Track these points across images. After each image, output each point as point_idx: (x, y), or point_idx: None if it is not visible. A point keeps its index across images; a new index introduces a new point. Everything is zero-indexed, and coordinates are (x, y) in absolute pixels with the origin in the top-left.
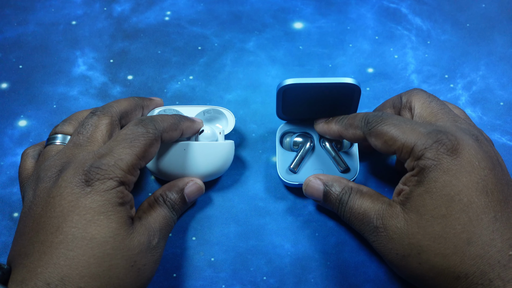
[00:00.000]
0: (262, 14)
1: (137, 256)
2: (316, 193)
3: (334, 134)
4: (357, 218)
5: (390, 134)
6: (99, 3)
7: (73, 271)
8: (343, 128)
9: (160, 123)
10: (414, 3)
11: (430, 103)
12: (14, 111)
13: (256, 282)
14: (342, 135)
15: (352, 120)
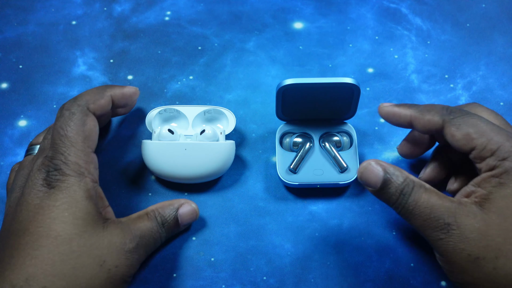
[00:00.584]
0: (262, 14)
1: (107, 256)
2: (373, 179)
3: (403, 118)
4: (422, 213)
5: (475, 128)
6: (99, 3)
7: (38, 270)
8: (419, 113)
9: (81, 97)
10: (414, 3)
11: (497, 116)
12: (14, 111)
13: (256, 282)
14: (414, 120)
15: (431, 106)
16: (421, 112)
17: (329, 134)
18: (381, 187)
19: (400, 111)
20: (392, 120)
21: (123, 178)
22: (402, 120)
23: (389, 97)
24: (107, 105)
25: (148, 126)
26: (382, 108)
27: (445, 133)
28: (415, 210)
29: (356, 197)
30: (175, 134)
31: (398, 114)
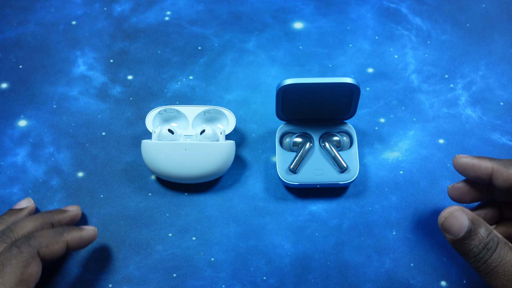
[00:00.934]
0: (262, 14)
1: None
2: (457, 227)
3: (483, 171)
4: (507, 272)
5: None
6: (99, 3)
7: None
8: (502, 166)
9: (36, 239)
10: (414, 3)
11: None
12: (14, 111)
13: (256, 282)
14: (496, 173)
15: None
16: (504, 165)
17: (329, 134)
18: (463, 237)
19: (480, 163)
20: (469, 172)
21: (123, 178)
22: (481, 173)
23: (389, 97)
24: (60, 251)
25: (148, 126)
26: (459, 159)
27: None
28: (498, 268)
29: (356, 197)
30: (175, 134)
31: (478, 166)
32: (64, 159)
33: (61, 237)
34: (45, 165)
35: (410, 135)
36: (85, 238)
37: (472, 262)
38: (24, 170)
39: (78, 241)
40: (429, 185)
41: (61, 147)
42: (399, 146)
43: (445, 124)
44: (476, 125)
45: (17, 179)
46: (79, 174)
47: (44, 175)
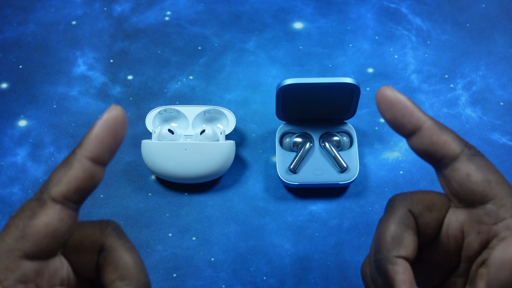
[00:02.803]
0: (262, 14)
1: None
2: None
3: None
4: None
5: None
6: (99, 3)
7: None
8: (436, 127)
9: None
10: (414, 3)
11: None
12: (14, 111)
13: (256, 282)
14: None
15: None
16: (439, 127)
17: (329, 134)
18: None
19: (414, 110)
20: (396, 112)
21: (123, 178)
22: (409, 120)
23: None
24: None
25: (148, 126)
26: (386, 90)
27: (457, 168)
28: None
29: (356, 197)
30: (175, 134)
31: (411, 111)
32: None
33: (72, 158)
34: (45, 165)
35: None
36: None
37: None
38: (24, 170)
39: (98, 143)
40: (429, 185)
41: (61, 147)
42: (399, 146)
43: (445, 124)
44: (476, 125)
45: (17, 179)
46: None
47: (44, 175)
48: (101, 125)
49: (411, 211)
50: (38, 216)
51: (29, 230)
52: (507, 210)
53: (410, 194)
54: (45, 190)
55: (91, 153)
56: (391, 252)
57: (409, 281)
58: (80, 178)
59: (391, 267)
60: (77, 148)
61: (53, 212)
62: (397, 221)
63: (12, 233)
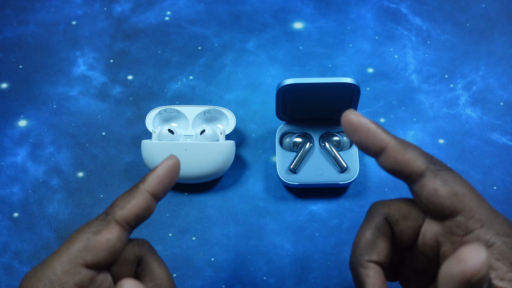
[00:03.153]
0: (262, 14)
1: None
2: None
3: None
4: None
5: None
6: (99, 3)
7: None
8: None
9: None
10: (414, 3)
11: None
12: (14, 111)
13: (256, 282)
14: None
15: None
16: (403, 146)
17: (329, 134)
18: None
19: (377, 132)
20: (360, 136)
21: (123, 178)
22: (373, 142)
23: (389, 97)
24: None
25: (148, 126)
26: (352, 115)
27: (424, 184)
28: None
29: (356, 197)
30: (175, 134)
31: (374, 133)
32: (64, 159)
33: (135, 190)
34: (45, 165)
35: (410, 135)
36: (166, 174)
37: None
38: (24, 170)
39: (159, 181)
40: None
41: (61, 147)
42: None
43: (445, 124)
44: (476, 125)
45: (17, 179)
46: (79, 174)
47: (44, 175)
48: (163, 168)
49: (387, 218)
50: (102, 232)
51: (93, 243)
52: (476, 221)
53: (388, 202)
54: (110, 213)
55: (152, 188)
56: (364, 257)
57: (379, 284)
58: (141, 207)
59: (363, 270)
60: (140, 183)
61: (114, 231)
62: (373, 228)
63: (77, 244)
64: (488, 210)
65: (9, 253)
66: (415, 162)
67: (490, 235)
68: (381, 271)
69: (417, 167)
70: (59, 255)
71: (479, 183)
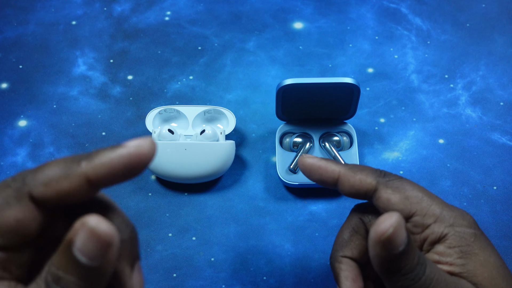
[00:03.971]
0: (262, 14)
1: None
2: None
3: (330, 174)
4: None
5: (414, 192)
6: (99, 3)
7: None
8: (349, 171)
9: (33, 174)
10: (414, 3)
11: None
12: (14, 111)
13: (256, 282)
14: (343, 178)
15: (363, 167)
16: (352, 170)
17: (329, 134)
18: (403, 251)
19: (327, 166)
20: (315, 174)
21: None
22: (327, 176)
23: (389, 97)
24: (72, 191)
25: (148, 126)
26: (305, 159)
27: (379, 196)
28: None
29: None
30: (175, 134)
31: (325, 169)
32: None
33: (74, 168)
34: None
35: (410, 135)
36: (119, 163)
37: (404, 280)
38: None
39: (107, 171)
40: (429, 185)
41: (61, 147)
42: (399, 146)
43: (445, 124)
44: (476, 125)
45: None
46: None
47: None
48: (122, 155)
49: (362, 219)
50: (12, 208)
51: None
52: (429, 217)
53: (365, 204)
54: (28, 183)
55: (94, 175)
56: (339, 252)
57: (351, 277)
58: (71, 192)
59: (338, 264)
60: (84, 160)
61: (28, 209)
62: (349, 227)
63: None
64: (440, 205)
65: None
66: (365, 180)
67: (443, 227)
68: (355, 265)
69: (369, 184)
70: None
71: (479, 183)
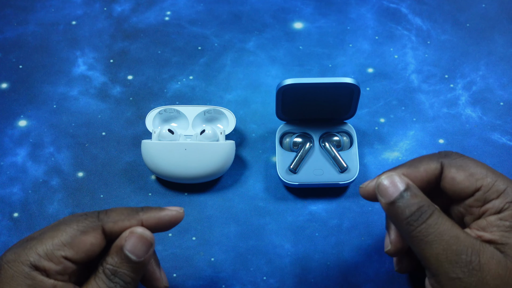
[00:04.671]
0: (262, 14)
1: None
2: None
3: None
4: (443, 240)
5: (478, 169)
6: (99, 3)
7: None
8: (411, 168)
9: (106, 214)
10: (414, 3)
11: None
12: (14, 111)
13: (256, 282)
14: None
15: (421, 157)
16: (413, 165)
17: (329, 134)
18: (396, 199)
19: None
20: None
21: (123, 178)
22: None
23: (389, 97)
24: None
25: (148, 126)
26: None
27: (444, 176)
28: (434, 235)
29: (356, 197)
30: (175, 134)
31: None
32: (64, 159)
33: (134, 215)
34: (45, 165)
35: (410, 135)
36: (164, 219)
37: (404, 226)
38: (24, 170)
39: (156, 222)
40: None
41: (61, 147)
42: (399, 146)
43: (445, 124)
44: (476, 125)
45: (17, 179)
46: (79, 174)
47: (44, 175)
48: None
49: None
50: (89, 235)
51: (78, 242)
52: (493, 193)
53: None
54: (102, 219)
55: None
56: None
57: None
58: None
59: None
60: (141, 211)
61: (99, 238)
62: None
63: (63, 236)
64: (505, 181)
65: None
66: (430, 168)
67: (504, 202)
68: None
69: (434, 169)
70: (43, 241)
71: None
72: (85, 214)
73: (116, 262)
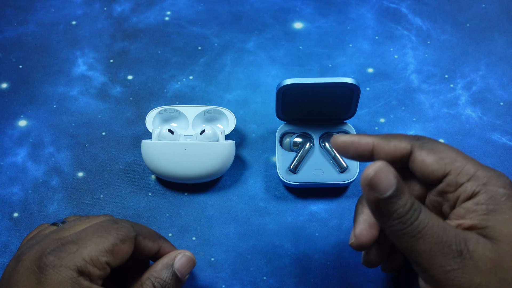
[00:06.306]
0: (262, 14)
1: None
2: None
3: (364, 147)
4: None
5: (447, 153)
6: (99, 3)
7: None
8: (383, 139)
9: (137, 226)
10: (414, 3)
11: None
12: (14, 111)
13: (256, 282)
14: (377, 147)
15: (395, 134)
16: (385, 138)
17: (329, 134)
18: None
19: (360, 139)
20: (350, 150)
21: (123, 178)
22: (362, 149)
23: (389, 97)
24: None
25: (148, 126)
26: (337, 138)
27: (414, 159)
28: (426, 230)
29: (356, 197)
30: (175, 134)
31: (358, 142)
32: (64, 159)
33: (158, 239)
34: (45, 165)
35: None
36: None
37: (397, 224)
38: (24, 170)
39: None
40: None
41: (61, 147)
42: None
43: (445, 124)
44: (476, 125)
45: (17, 179)
46: (79, 174)
47: (44, 175)
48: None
49: None
50: (126, 244)
51: (118, 250)
52: (463, 176)
53: None
54: (138, 232)
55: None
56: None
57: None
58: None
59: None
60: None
61: (132, 246)
62: None
63: (105, 244)
64: (475, 165)
65: (9, 253)
66: (400, 146)
67: (475, 186)
68: None
69: (403, 149)
70: (87, 247)
71: None
72: (119, 221)
73: (167, 277)
